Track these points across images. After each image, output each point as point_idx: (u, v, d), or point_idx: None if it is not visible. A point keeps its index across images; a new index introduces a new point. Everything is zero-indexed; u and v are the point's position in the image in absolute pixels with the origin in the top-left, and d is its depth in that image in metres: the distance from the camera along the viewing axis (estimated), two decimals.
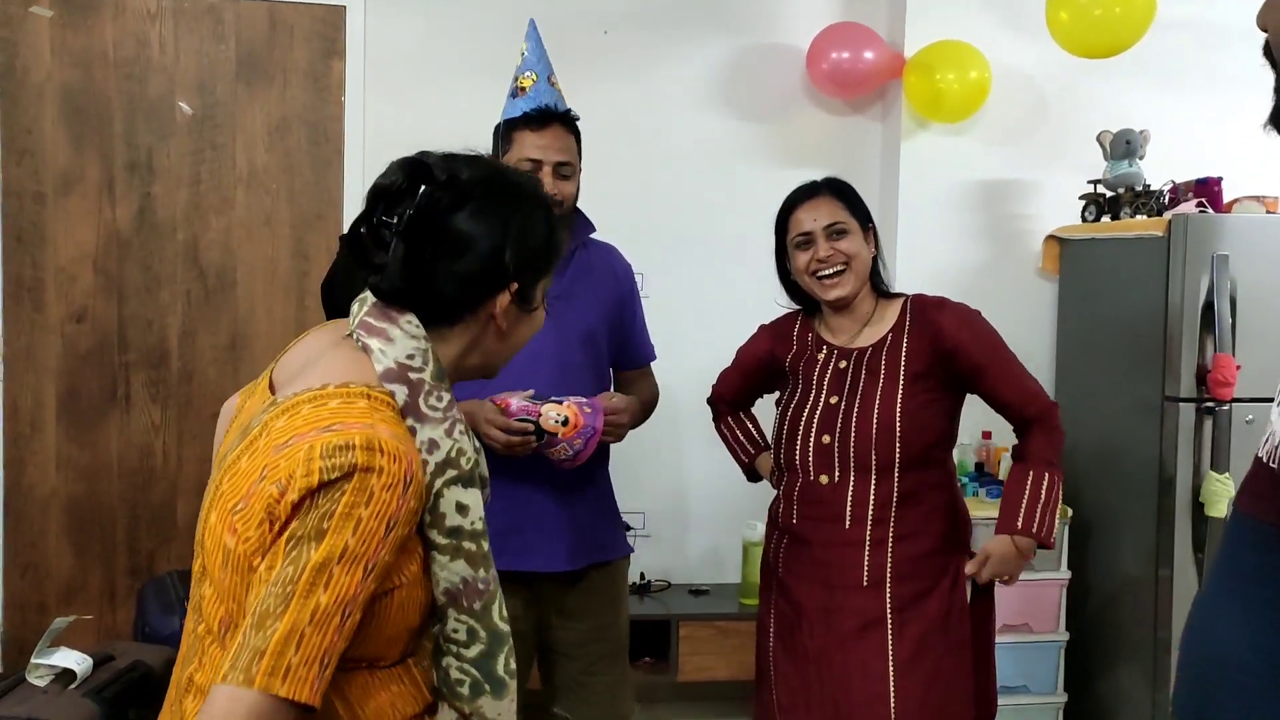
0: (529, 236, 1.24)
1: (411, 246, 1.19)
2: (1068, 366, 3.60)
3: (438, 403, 1.19)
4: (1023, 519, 2.08)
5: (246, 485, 1.09)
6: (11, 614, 3.40)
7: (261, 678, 1.00)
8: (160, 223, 3.44)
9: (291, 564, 1.04)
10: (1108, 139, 3.36)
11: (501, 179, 1.26)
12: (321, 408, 1.12)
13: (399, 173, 1.21)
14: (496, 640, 1.23)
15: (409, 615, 1.18)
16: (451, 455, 1.18)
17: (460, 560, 1.18)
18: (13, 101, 3.33)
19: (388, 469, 1.07)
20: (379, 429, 1.09)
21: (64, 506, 3.42)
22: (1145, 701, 3.12)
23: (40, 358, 3.40)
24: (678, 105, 3.65)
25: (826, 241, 2.14)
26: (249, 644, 1.02)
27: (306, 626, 1.02)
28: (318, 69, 3.49)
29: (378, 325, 1.20)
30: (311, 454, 1.06)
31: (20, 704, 2.19)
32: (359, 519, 1.05)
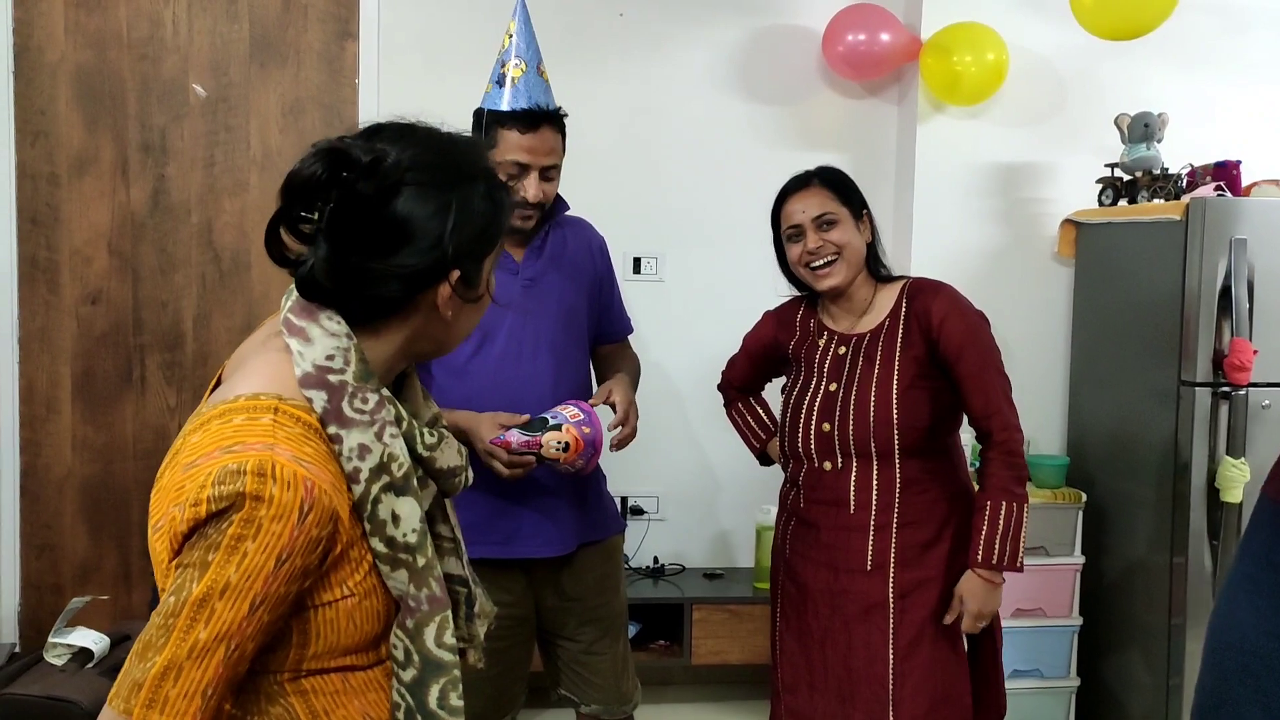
0: (470, 217, 1.13)
1: (335, 244, 1.08)
2: (1083, 351, 3.58)
3: (364, 405, 1.10)
4: (983, 551, 2.05)
5: (165, 504, 1.04)
6: (28, 594, 3.42)
7: (140, 710, 0.98)
8: (174, 204, 3.44)
9: (174, 594, 1.00)
10: (1125, 122, 3.33)
11: (435, 156, 1.13)
12: (227, 424, 1.05)
13: (316, 162, 1.08)
14: (430, 668, 1.14)
15: (365, 625, 1.12)
16: (383, 461, 1.10)
17: (401, 570, 1.12)
18: (27, 82, 3.34)
19: (278, 498, 1.00)
20: (277, 451, 1.02)
21: (79, 488, 3.44)
22: (1159, 687, 3.11)
23: (55, 339, 3.41)
24: (693, 87, 3.63)
25: (815, 233, 2.15)
26: (130, 672, 1.00)
27: (185, 661, 0.99)
28: (331, 50, 3.48)
29: (298, 323, 1.11)
30: (206, 481, 1.00)
31: (37, 682, 2.21)
32: (244, 553, 0.99)
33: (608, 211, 3.66)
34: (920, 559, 2.10)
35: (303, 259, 1.10)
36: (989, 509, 2.07)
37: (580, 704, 2.26)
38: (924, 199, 3.57)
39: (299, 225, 1.10)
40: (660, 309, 3.59)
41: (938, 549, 2.11)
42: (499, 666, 2.04)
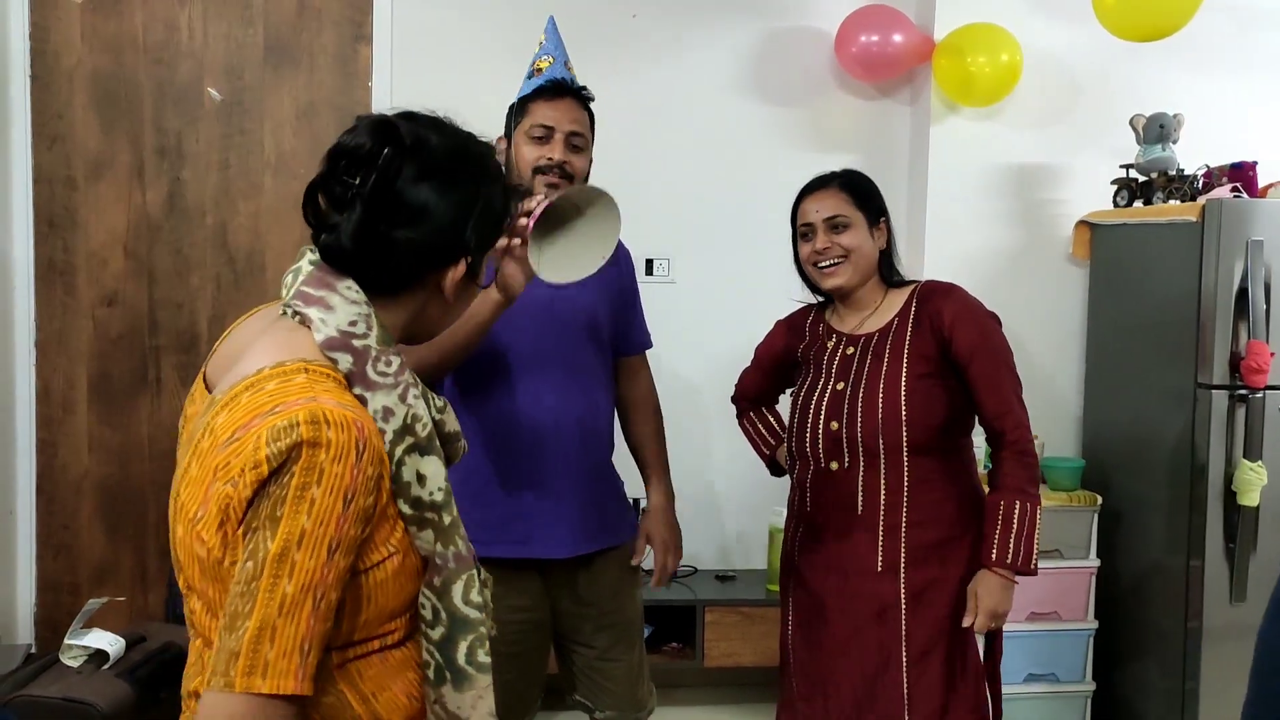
0: (490, 212, 1.21)
1: (369, 211, 1.14)
2: (1098, 354, 3.57)
3: (386, 368, 1.14)
4: (997, 550, 2.04)
5: (201, 491, 1.06)
6: (44, 595, 3.44)
7: (241, 679, 0.98)
8: (190, 207, 3.46)
9: (250, 558, 1.01)
10: (1141, 122, 3.32)
11: (467, 150, 1.21)
12: (260, 393, 1.07)
13: (366, 134, 1.15)
14: (458, 625, 1.17)
15: (408, 583, 1.15)
16: (408, 422, 1.13)
17: (427, 530, 1.15)
18: (44, 87, 3.36)
19: (335, 440, 1.02)
20: (322, 400, 1.05)
21: (96, 488, 3.46)
22: (1174, 691, 3.10)
23: (72, 341, 3.43)
24: (705, 90, 3.63)
25: (825, 234, 2.16)
26: (225, 647, 1.00)
27: (277, 619, 0.99)
28: (345, 53, 3.49)
29: (316, 294, 1.15)
30: (258, 443, 1.02)
31: (54, 683, 2.22)
32: (312, 499, 1.01)
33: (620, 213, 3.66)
34: (931, 559, 2.09)
35: (332, 223, 1.16)
36: (1003, 508, 2.06)
37: (595, 710, 2.26)
38: (937, 200, 3.56)
39: (335, 189, 1.15)
40: (672, 310, 3.58)
41: (949, 549, 2.10)
42: (515, 671, 2.04)
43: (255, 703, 0.98)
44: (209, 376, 1.22)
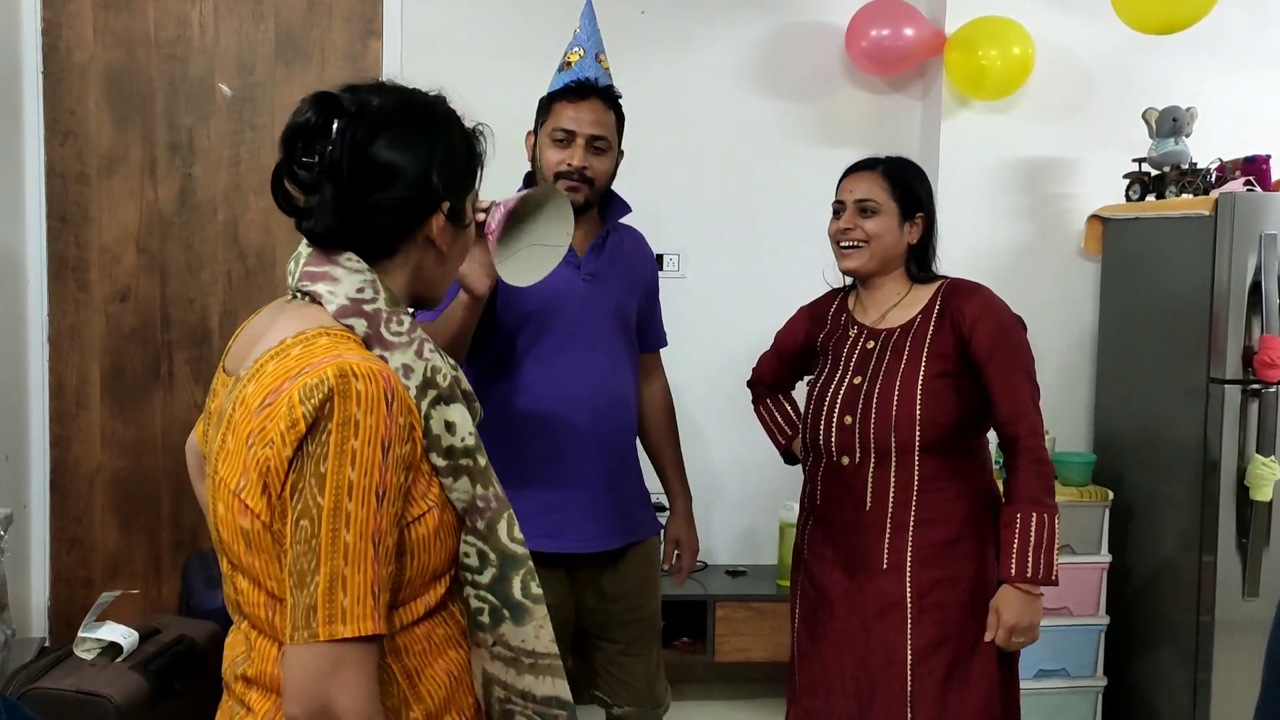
0: (452, 155, 1.23)
1: (337, 184, 1.16)
2: (1110, 348, 3.56)
3: (399, 327, 1.18)
4: (1016, 565, 2.01)
5: (239, 461, 1.09)
6: (58, 588, 3.46)
7: (323, 628, 1.03)
8: (201, 203, 3.47)
9: (304, 517, 1.04)
10: (1153, 116, 3.30)
11: (412, 102, 1.23)
12: (286, 358, 1.10)
13: (310, 110, 1.17)
14: (508, 562, 1.21)
15: (447, 539, 1.18)
16: (428, 375, 1.17)
17: (463, 478, 1.18)
18: (56, 83, 3.37)
19: (365, 392, 1.05)
20: (347, 357, 1.08)
21: (109, 483, 3.48)
22: (1186, 686, 3.09)
23: (85, 336, 3.45)
24: (715, 85, 3.63)
25: (852, 214, 2.17)
26: (299, 603, 1.04)
27: (345, 569, 1.03)
28: (356, 49, 3.50)
29: (319, 271, 1.18)
30: (291, 402, 1.05)
31: (68, 676, 2.23)
32: (353, 451, 1.04)
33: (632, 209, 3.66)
34: (939, 558, 2.07)
35: (308, 207, 1.18)
36: (1019, 522, 2.02)
37: (613, 705, 2.27)
38: (948, 195, 3.55)
39: (299, 174, 1.18)
40: (683, 306, 3.58)
41: (958, 548, 2.08)
42: None
43: (341, 648, 1.03)
44: (229, 368, 1.25)
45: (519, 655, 1.22)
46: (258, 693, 1.16)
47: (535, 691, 1.23)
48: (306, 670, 1.03)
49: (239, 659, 1.20)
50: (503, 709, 1.23)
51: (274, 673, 1.14)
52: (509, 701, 1.23)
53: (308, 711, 1.03)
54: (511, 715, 1.24)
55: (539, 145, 2.16)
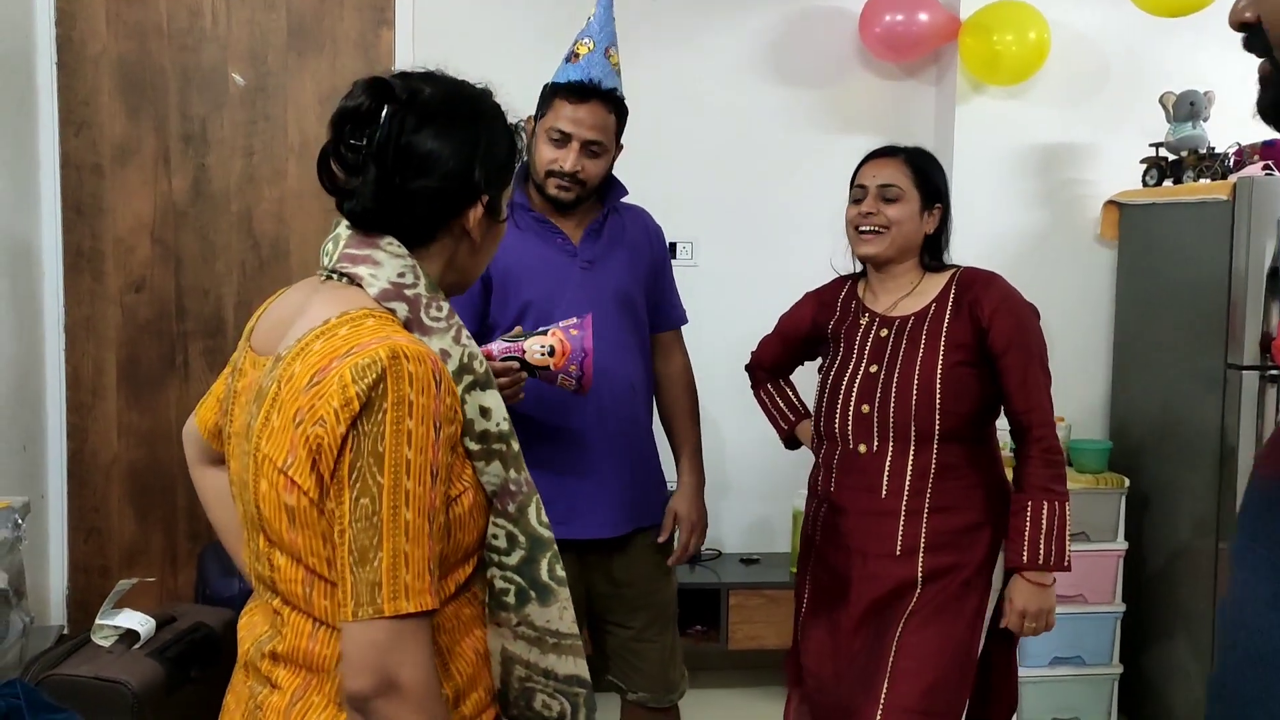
0: (495, 149, 1.25)
1: (382, 168, 1.18)
2: (1126, 335, 3.53)
3: (439, 313, 1.20)
4: (1028, 553, 2.02)
5: (287, 438, 1.09)
6: (76, 577, 3.49)
7: (388, 604, 1.05)
8: (215, 193, 3.48)
9: (364, 495, 1.06)
10: (1171, 100, 3.27)
11: (460, 94, 1.25)
12: (333, 338, 1.11)
13: (363, 94, 1.19)
14: (537, 545, 1.23)
15: (479, 519, 1.20)
16: (465, 361, 1.19)
17: (496, 463, 1.20)
18: (70, 73, 3.38)
19: (416, 374, 1.08)
20: (396, 339, 1.10)
21: (126, 472, 3.50)
22: (1202, 674, 3.07)
23: (100, 327, 3.46)
24: (728, 71, 3.61)
25: (874, 199, 2.16)
26: (362, 580, 1.06)
27: (406, 546, 1.06)
28: (368, 39, 3.50)
29: (361, 253, 1.20)
30: (344, 381, 1.06)
31: (86, 663, 2.25)
32: (408, 432, 1.06)
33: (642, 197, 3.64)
34: (952, 544, 2.08)
35: (350, 188, 1.20)
36: (1030, 510, 2.03)
37: (627, 691, 2.27)
38: (963, 181, 3.53)
39: (346, 155, 1.20)
40: (695, 294, 3.56)
41: (971, 536, 2.09)
42: None
43: (405, 623, 1.06)
44: (258, 347, 1.26)
45: (543, 635, 1.24)
46: (286, 670, 1.17)
47: (557, 670, 1.26)
48: (373, 645, 1.05)
49: (264, 637, 1.20)
50: (523, 687, 1.25)
51: (308, 648, 1.15)
52: (530, 680, 1.25)
53: (374, 685, 1.05)
54: (532, 694, 1.26)
55: (535, 137, 2.14)
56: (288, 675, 1.17)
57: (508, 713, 1.27)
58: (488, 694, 1.24)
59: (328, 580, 1.13)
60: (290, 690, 1.16)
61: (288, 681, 1.17)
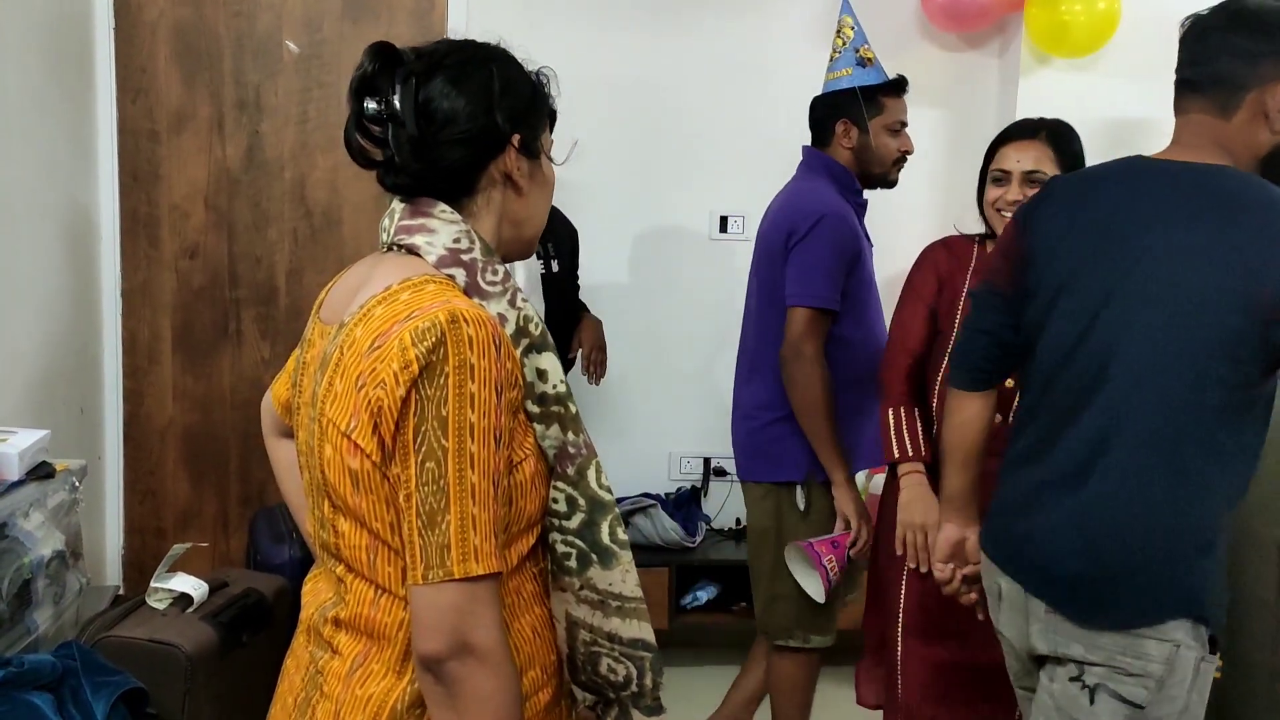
0: (512, 88, 1.24)
1: (408, 129, 1.18)
2: None
3: (494, 277, 1.20)
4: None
5: (350, 402, 1.10)
6: (132, 538, 3.54)
7: (458, 566, 1.06)
8: (269, 161, 3.49)
9: (430, 459, 1.07)
10: None
11: (468, 45, 1.26)
12: (395, 303, 1.12)
13: (369, 60, 1.20)
14: (597, 508, 1.22)
15: (541, 488, 1.20)
16: (521, 324, 1.19)
17: (554, 425, 1.20)
18: (127, 39, 3.40)
19: (477, 337, 1.08)
20: (456, 303, 1.10)
21: (180, 436, 3.54)
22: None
23: (156, 293, 3.49)
24: (787, 43, 3.55)
25: (1021, 186, 2.15)
26: (432, 543, 1.07)
27: (473, 509, 1.07)
28: (422, 5, 3.48)
29: (415, 223, 1.21)
30: (404, 344, 1.07)
31: (141, 625, 2.28)
32: (471, 395, 1.07)
33: (696, 170, 3.62)
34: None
35: (385, 160, 1.21)
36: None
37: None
38: None
39: (369, 126, 1.21)
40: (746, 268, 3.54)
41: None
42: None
43: (475, 585, 1.07)
44: (325, 317, 1.27)
45: (606, 598, 1.24)
46: (348, 636, 1.18)
47: (622, 634, 1.25)
48: (445, 607, 1.06)
49: (327, 603, 1.21)
50: (588, 651, 1.25)
51: (369, 615, 1.16)
52: (595, 644, 1.25)
53: (449, 647, 1.06)
54: (598, 657, 1.25)
55: (873, 132, 2.53)
56: (349, 641, 1.18)
57: (575, 678, 1.27)
58: (544, 672, 1.24)
59: (391, 546, 1.14)
60: (351, 656, 1.17)
61: (349, 648, 1.18)
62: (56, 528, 2.40)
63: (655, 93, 3.53)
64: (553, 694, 1.25)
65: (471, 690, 1.07)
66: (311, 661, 1.23)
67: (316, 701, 1.20)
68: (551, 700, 1.25)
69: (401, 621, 1.15)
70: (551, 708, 1.25)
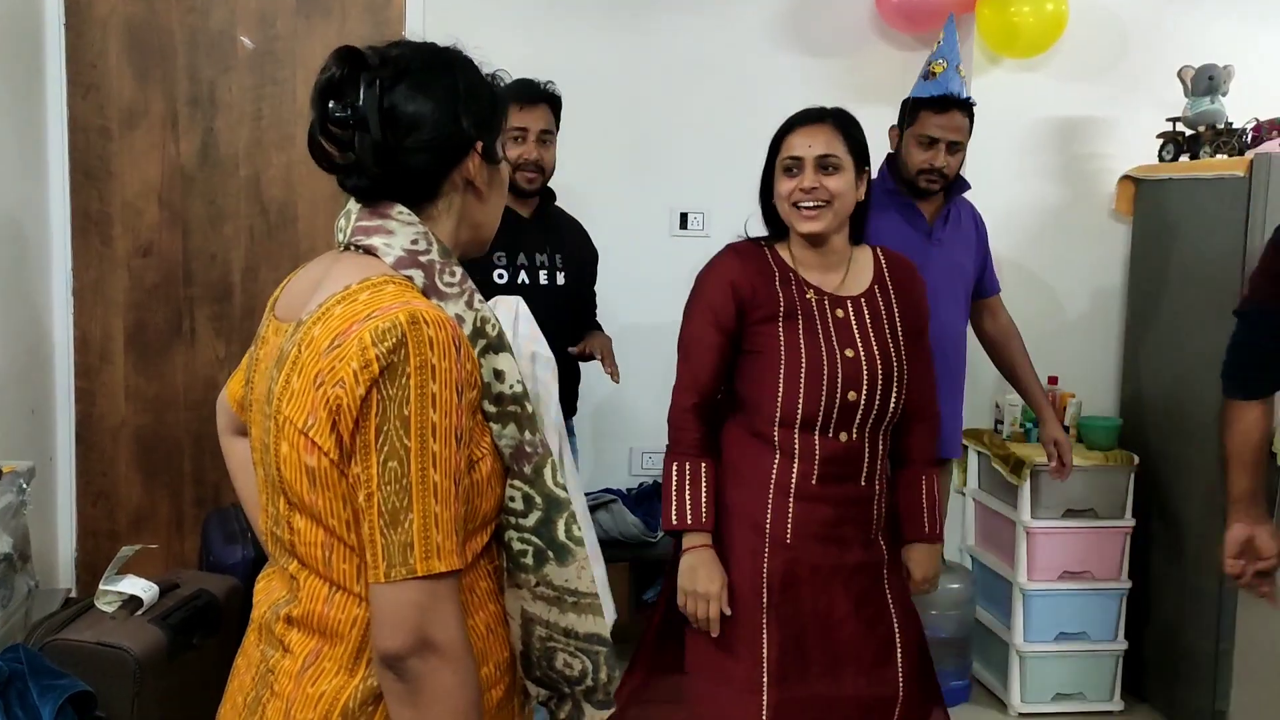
0: (476, 94, 1.25)
1: (371, 133, 1.18)
2: (1139, 312, 3.50)
3: (451, 278, 1.21)
4: (928, 524, 2.18)
5: (308, 400, 1.10)
6: (84, 540, 3.50)
7: (421, 564, 1.07)
8: (223, 158, 3.46)
9: (393, 458, 1.07)
10: (1189, 74, 3.22)
11: (430, 49, 1.27)
12: (354, 303, 1.13)
13: (335, 64, 1.20)
14: (553, 506, 1.23)
15: (496, 486, 1.21)
16: (478, 325, 1.20)
17: (511, 425, 1.21)
18: (78, 35, 3.35)
19: (436, 338, 1.09)
20: (415, 304, 1.11)
21: (133, 437, 3.50)
22: (1208, 655, 3.07)
23: (109, 291, 3.45)
24: (743, 40, 3.57)
25: (815, 173, 2.04)
26: (394, 541, 1.07)
27: (436, 507, 1.08)
28: (377, 2, 3.46)
29: (373, 225, 1.21)
30: (364, 343, 1.08)
31: (89, 628, 2.25)
32: (433, 395, 1.08)
33: (655, 166, 3.63)
34: (888, 523, 2.16)
35: (347, 163, 1.21)
36: (924, 483, 2.17)
37: None
38: (977, 154, 3.46)
39: (333, 130, 1.20)
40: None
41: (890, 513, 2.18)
42: None
43: (437, 583, 1.09)
44: (281, 315, 1.27)
45: (562, 595, 1.25)
46: (300, 633, 1.18)
47: (577, 629, 1.26)
48: (407, 604, 1.07)
49: (280, 601, 1.21)
50: (544, 647, 1.26)
51: (323, 612, 1.16)
52: (551, 639, 1.26)
53: (409, 645, 1.07)
54: (554, 652, 1.27)
55: (905, 142, 2.78)
56: (301, 639, 1.18)
57: (530, 674, 1.28)
58: (497, 669, 1.24)
59: (347, 543, 1.14)
60: (302, 655, 1.17)
61: (300, 646, 1.18)
62: (4, 530, 2.36)
63: (613, 90, 3.53)
64: (505, 690, 1.26)
65: (433, 687, 1.08)
66: (263, 660, 1.22)
67: (267, 700, 1.19)
68: (504, 697, 1.26)
69: (355, 619, 1.16)
70: (504, 704, 1.26)
